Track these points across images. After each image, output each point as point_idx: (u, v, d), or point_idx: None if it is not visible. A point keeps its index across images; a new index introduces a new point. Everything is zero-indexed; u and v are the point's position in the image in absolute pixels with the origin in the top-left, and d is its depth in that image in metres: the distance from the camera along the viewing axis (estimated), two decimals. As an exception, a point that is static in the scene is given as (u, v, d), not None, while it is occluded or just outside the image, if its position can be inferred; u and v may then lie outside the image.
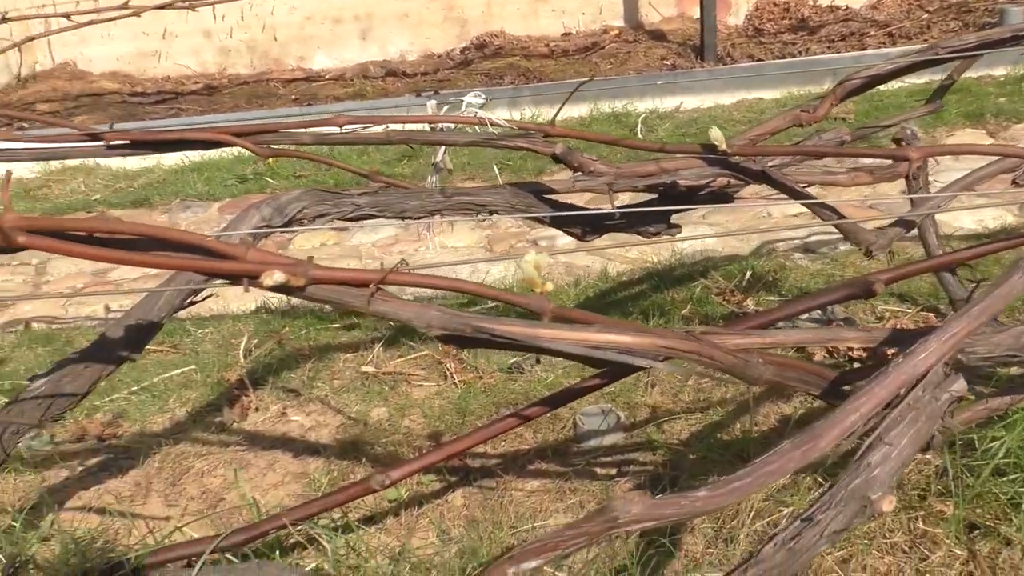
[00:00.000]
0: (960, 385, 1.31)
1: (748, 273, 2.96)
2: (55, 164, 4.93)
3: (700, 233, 3.46)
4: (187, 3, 4.71)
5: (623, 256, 3.36)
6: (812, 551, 1.15)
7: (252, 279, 1.15)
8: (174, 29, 6.21)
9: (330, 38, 6.39)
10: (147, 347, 1.93)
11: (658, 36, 6.30)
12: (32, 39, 4.98)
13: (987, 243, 1.66)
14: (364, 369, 2.64)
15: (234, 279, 1.17)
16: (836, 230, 3.29)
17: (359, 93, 5.81)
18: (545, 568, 1.44)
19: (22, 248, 1.14)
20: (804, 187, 2.01)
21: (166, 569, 1.49)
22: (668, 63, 5.78)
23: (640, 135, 4.59)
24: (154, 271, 3.57)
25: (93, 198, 4.62)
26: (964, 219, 3.35)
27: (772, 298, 2.84)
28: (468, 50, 6.38)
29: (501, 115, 2.00)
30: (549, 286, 1.22)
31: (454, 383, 2.55)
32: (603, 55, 6.08)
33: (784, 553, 1.14)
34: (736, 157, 1.89)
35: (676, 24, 6.41)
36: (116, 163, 4.91)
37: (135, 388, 2.64)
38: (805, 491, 1.91)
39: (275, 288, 1.17)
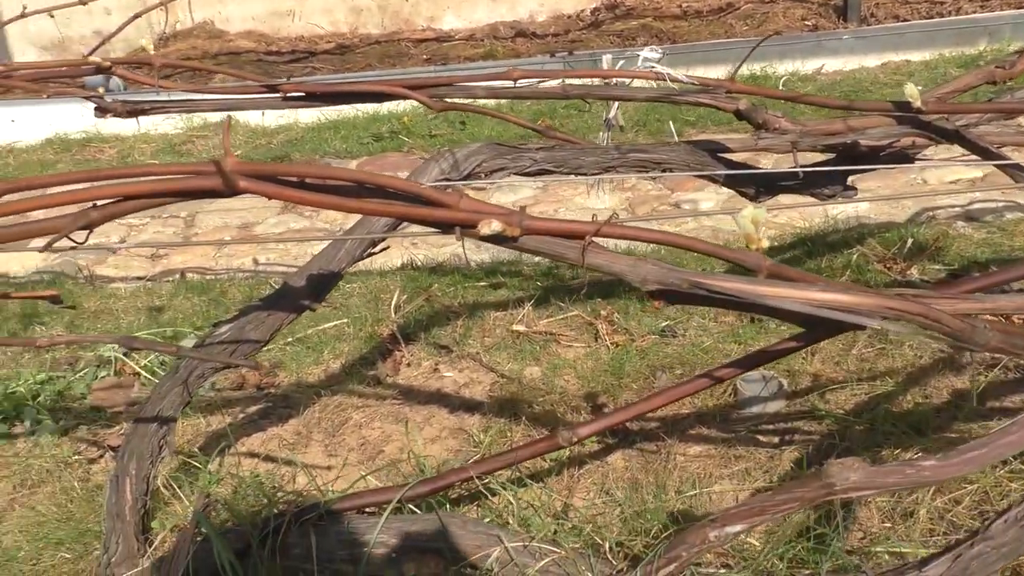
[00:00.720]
0: None
1: (909, 241, 2.85)
2: (197, 120, 5.05)
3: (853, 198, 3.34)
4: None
5: (772, 222, 3.26)
6: (1048, 529, 1.08)
7: (466, 228, 1.14)
8: (308, -12, 6.28)
9: (460, -2, 6.37)
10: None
11: (796, -4, 6.10)
12: (177, -2, 5.12)
13: None
14: (514, 328, 2.63)
15: (447, 228, 1.16)
16: (1002, 197, 3.18)
17: (490, 54, 5.78)
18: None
19: (242, 192, 1.15)
20: (997, 148, 1.91)
21: (353, 515, 1.51)
22: (809, 24, 5.60)
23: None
24: (299, 225, 3.63)
25: (234, 154, 4.71)
26: None
27: (936, 267, 2.72)
28: (599, 11, 6.28)
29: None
30: (765, 243, 1.18)
31: (605, 345, 2.52)
32: (738, 16, 5.91)
33: (1017, 530, 1.08)
34: (929, 115, 1.80)
35: (816, -16, 6.19)
36: (255, 120, 5.00)
37: (290, 340, 2.68)
38: (990, 469, 1.82)
39: (489, 237, 1.15)
